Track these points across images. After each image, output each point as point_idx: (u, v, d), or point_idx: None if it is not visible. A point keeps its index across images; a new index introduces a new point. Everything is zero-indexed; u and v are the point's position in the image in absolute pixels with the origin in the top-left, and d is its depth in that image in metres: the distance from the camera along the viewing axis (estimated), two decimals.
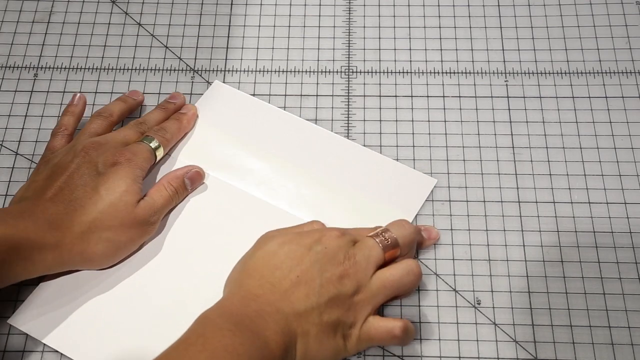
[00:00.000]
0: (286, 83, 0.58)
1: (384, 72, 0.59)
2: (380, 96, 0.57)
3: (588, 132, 0.55)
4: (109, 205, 0.45)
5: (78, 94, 0.54)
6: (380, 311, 0.47)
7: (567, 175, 0.53)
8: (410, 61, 0.59)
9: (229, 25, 0.61)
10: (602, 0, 0.62)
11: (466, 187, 0.53)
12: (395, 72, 0.59)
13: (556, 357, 0.46)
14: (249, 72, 0.59)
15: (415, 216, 0.52)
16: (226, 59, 0.60)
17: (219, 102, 0.56)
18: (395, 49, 0.60)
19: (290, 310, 0.40)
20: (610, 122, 0.56)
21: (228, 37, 0.61)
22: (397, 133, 0.55)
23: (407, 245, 0.46)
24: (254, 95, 0.57)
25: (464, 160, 0.54)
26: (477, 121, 0.56)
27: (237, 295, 0.42)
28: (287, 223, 0.49)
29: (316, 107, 0.57)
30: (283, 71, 0.59)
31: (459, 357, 0.46)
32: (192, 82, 0.58)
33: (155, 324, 0.47)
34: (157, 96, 0.57)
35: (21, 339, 0.47)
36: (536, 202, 0.52)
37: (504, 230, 0.51)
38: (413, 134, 0.55)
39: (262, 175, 0.53)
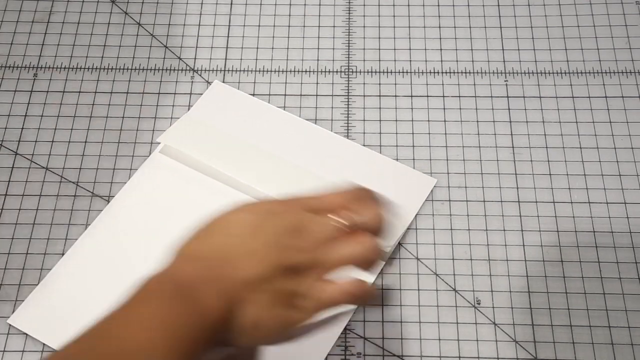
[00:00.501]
0: (286, 83, 0.58)
1: (383, 72, 0.59)
2: (380, 96, 0.57)
3: (588, 132, 0.55)
4: None
5: None
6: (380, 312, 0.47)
7: (567, 175, 0.53)
8: (410, 61, 0.59)
9: (229, 25, 0.61)
10: (602, 0, 0.62)
11: (466, 187, 0.53)
12: (395, 72, 0.59)
13: (556, 357, 0.46)
14: (249, 72, 0.59)
15: (415, 216, 0.52)
16: (226, 59, 0.59)
17: (218, 102, 0.56)
18: (395, 49, 0.60)
19: (240, 277, 0.38)
20: (610, 122, 0.56)
21: (228, 37, 0.61)
22: (397, 133, 0.55)
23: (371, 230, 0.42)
24: (253, 95, 0.57)
25: (463, 160, 0.54)
26: (477, 121, 0.56)
27: (184, 259, 0.40)
28: None
29: (316, 107, 0.57)
30: (283, 71, 0.59)
31: (459, 357, 0.46)
32: (192, 82, 0.58)
33: None
34: (157, 96, 0.57)
35: (21, 339, 0.47)
36: (536, 202, 0.52)
37: (504, 230, 0.51)
38: (413, 133, 0.55)
39: (261, 176, 0.53)
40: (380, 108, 0.57)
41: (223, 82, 0.58)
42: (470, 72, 0.58)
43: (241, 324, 0.38)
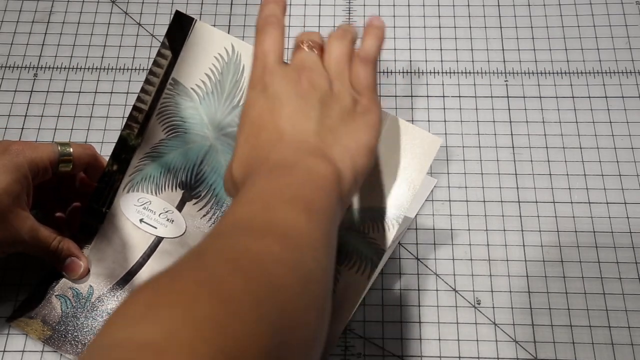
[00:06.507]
0: None
1: (384, 72, 0.59)
2: (380, 96, 0.57)
3: (588, 132, 0.55)
4: None
5: None
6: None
7: (567, 175, 0.53)
8: (410, 61, 0.59)
9: (229, 25, 0.61)
10: (602, 0, 0.62)
11: (466, 187, 0.53)
12: (395, 72, 0.59)
13: (556, 357, 0.46)
14: None
15: (415, 216, 0.52)
16: None
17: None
18: (395, 49, 0.60)
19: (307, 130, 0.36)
20: (610, 122, 0.56)
21: None
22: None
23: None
24: None
25: (464, 160, 0.54)
26: (477, 121, 0.56)
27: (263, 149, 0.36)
28: None
29: None
30: None
31: (459, 357, 0.46)
32: None
33: None
34: None
35: (21, 339, 0.47)
36: (536, 202, 0.52)
37: (504, 230, 0.51)
38: None
39: None
40: None
41: None
42: (470, 72, 0.58)
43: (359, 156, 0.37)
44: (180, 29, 0.46)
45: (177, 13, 0.46)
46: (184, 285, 0.25)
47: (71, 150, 0.46)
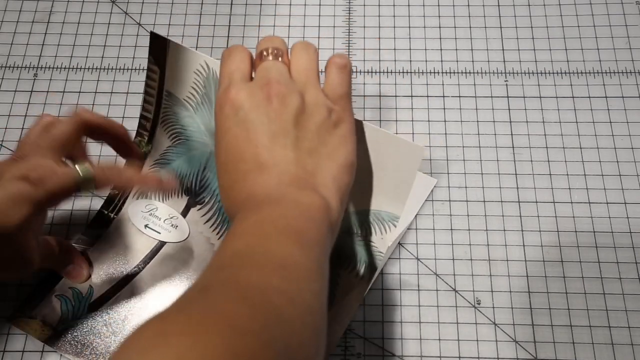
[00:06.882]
0: None
1: (383, 72, 0.59)
2: (380, 96, 0.57)
3: (588, 132, 0.55)
4: None
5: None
6: (380, 307, 0.48)
7: (567, 175, 0.53)
8: (410, 61, 0.59)
9: (229, 25, 0.61)
10: (602, 0, 0.62)
11: (466, 187, 0.53)
12: (395, 72, 0.59)
13: (556, 357, 0.46)
14: None
15: (415, 216, 0.52)
16: None
17: None
18: (395, 49, 0.60)
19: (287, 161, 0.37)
20: (610, 122, 0.56)
21: (228, 37, 0.61)
22: (397, 133, 0.55)
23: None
24: None
25: (464, 160, 0.54)
26: (477, 121, 0.56)
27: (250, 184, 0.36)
28: None
29: None
30: None
31: (459, 357, 0.46)
32: None
33: None
34: None
35: (21, 339, 0.47)
36: (536, 202, 0.52)
37: (504, 230, 0.51)
38: (413, 134, 0.55)
39: None
40: (380, 108, 0.57)
41: None
42: (470, 72, 0.58)
43: (342, 175, 0.37)
44: (158, 48, 0.46)
45: (152, 34, 0.46)
46: (192, 315, 0.26)
47: (92, 172, 0.42)
